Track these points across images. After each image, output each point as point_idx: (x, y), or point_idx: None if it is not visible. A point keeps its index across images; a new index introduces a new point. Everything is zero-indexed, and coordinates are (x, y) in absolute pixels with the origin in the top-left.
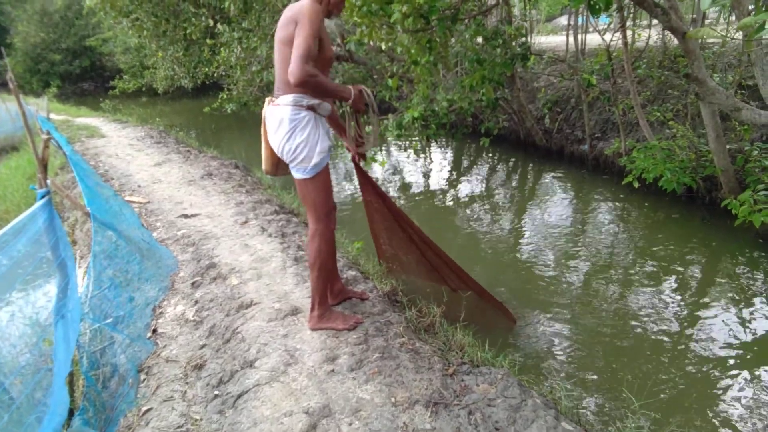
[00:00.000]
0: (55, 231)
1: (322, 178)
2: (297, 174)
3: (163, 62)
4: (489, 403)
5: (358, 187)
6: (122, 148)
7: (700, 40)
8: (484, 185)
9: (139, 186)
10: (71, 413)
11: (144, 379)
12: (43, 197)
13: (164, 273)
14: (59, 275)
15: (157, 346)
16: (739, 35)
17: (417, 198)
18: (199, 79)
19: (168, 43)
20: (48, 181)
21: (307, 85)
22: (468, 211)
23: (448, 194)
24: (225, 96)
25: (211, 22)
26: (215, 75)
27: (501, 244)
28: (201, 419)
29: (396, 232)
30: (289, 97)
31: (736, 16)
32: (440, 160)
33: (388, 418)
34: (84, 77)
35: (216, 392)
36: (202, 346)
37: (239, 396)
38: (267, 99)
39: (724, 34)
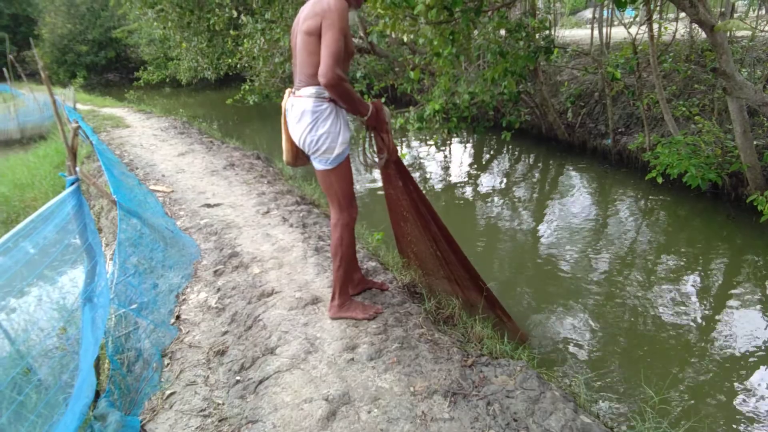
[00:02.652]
0: (83, 217)
1: (344, 168)
2: (319, 165)
3: (187, 53)
4: (507, 394)
5: (378, 177)
6: (146, 138)
7: (728, 34)
8: (504, 179)
9: (163, 175)
10: (97, 395)
11: (168, 364)
12: (72, 184)
13: (187, 261)
14: (87, 260)
15: (181, 331)
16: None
17: (437, 191)
18: (222, 70)
19: (192, 34)
20: (77, 169)
21: (335, 89)
22: (488, 205)
23: (468, 188)
24: (247, 87)
25: (235, 14)
26: (238, 66)
27: (521, 237)
28: (223, 403)
29: (418, 232)
30: (312, 89)
31: (766, 9)
32: (461, 153)
33: (406, 407)
34: (109, 68)
35: (237, 378)
36: (225, 333)
37: (260, 382)
38: (287, 90)
39: (753, 27)
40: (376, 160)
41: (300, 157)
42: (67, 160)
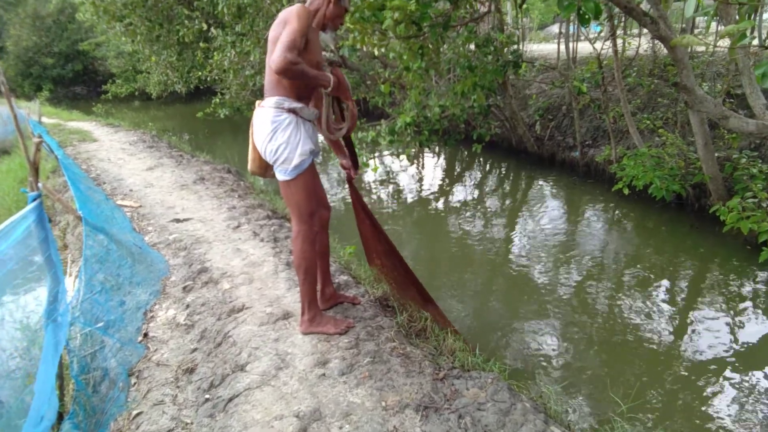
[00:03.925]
0: (45, 234)
1: (304, 179)
2: (279, 175)
3: (157, 67)
4: (479, 407)
5: (349, 191)
6: (114, 152)
7: (689, 50)
8: (476, 192)
9: (131, 190)
10: (61, 417)
11: (135, 383)
12: (34, 200)
13: (156, 277)
14: (49, 278)
15: (148, 350)
16: (723, 43)
17: (409, 204)
18: (192, 83)
19: (161, 47)
20: (39, 185)
21: (288, 73)
22: (460, 218)
23: (440, 201)
24: (218, 101)
25: (205, 26)
26: (208, 80)
27: (492, 250)
28: (192, 423)
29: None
30: (273, 99)
31: (723, 24)
32: (432, 166)
33: (378, 422)
34: (76, 81)
35: (207, 396)
36: (194, 350)
37: (230, 400)
38: (257, 102)
39: (712, 43)
40: (340, 127)
41: (269, 168)
42: (29, 176)
